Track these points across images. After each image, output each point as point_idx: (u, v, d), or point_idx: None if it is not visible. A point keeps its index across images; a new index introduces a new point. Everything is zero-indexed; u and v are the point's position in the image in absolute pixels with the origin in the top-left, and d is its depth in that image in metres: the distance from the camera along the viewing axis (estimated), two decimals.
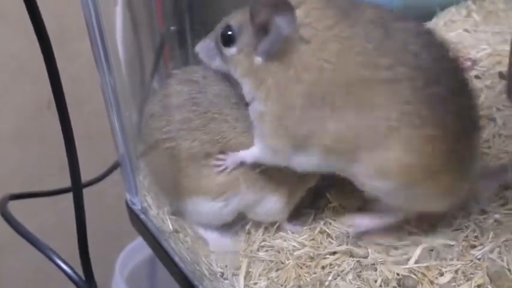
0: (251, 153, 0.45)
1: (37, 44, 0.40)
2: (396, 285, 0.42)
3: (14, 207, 0.56)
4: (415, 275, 0.42)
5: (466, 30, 0.71)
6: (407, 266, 0.43)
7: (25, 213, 0.56)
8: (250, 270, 0.46)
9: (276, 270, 0.46)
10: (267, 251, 0.49)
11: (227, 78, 0.46)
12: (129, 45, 0.71)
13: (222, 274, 0.47)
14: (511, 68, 0.30)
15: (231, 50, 0.43)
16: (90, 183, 0.63)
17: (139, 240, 0.79)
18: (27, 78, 0.80)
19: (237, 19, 0.43)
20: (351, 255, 0.45)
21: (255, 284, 0.45)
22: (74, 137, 0.46)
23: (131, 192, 0.59)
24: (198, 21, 0.74)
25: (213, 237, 0.51)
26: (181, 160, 0.47)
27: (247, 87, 0.42)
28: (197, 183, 0.47)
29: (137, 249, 0.80)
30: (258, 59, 0.41)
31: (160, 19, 0.72)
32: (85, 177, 0.64)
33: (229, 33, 0.42)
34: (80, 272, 0.51)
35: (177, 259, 0.51)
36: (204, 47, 0.46)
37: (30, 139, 0.84)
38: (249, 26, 0.41)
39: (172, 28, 0.72)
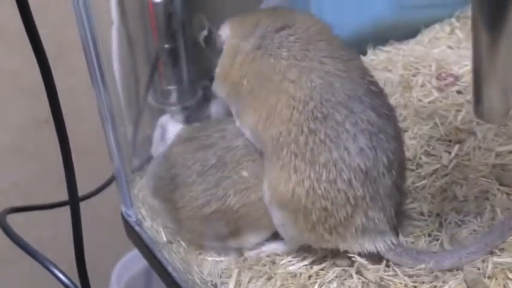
0: None
1: (33, 60, 0.42)
2: None
3: (11, 220, 0.58)
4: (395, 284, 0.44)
5: (449, 47, 0.74)
6: (381, 274, 0.45)
7: (22, 227, 0.58)
8: (240, 279, 0.48)
9: (268, 279, 0.48)
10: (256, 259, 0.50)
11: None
12: (124, 63, 0.73)
13: (212, 282, 0.49)
14: (475, 88, 0.32)
15: None
16: (87, 197, 0.65)
17: (134, 252, 0.80)
18: (24, 93, 0.82)
19: None
20: (336, 265, 0.47)
21: None
22: (71, 150, 0.48)
23: (126, 204, 0.61)
24: (191, 39, 0.76)
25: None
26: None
27: None
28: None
29: (133, 261, 0.82)
30: None
31: (154, 37, 0.74)
32: (82, 190, 0.66)
33: None
34: (78, 283, 0.52)
35: (170, 269, 0.53)
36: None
37: (27, 154, 0.86)
38: None
39: (166, 46, 0.74)
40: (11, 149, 0.84)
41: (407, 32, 0.77)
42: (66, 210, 0.62)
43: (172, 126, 0.76)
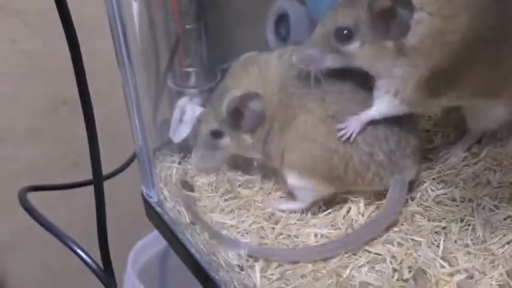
0: (379, 110, 0.49)
1: (53, 42, 0.41)
2: (409, 278, 0.43)
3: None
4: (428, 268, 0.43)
5: None
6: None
7: (37, 207, 0.57)
8: (268, 263, 0.47)
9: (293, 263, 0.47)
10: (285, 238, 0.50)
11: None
12: (144, 43, 0.72)
13: (239, 265, 0.48)
14: None
15: (353, 45, 0.46)
16: (108, 177, 0.64)
17: (151, 235, 0.80)
18: (42, 75, 0.81)
19: (345, 18, 0.46)
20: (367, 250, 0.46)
21: (272, 274, 0.46)
22: (96, 129, 0.48)
23: (147, 185, 0.60)
24: (213, 21, 0.75)
25: None
26: None
27: (381, 66, 0.47)
28: None
29: (149, 244, 0.81)
30: (389, 42, 0.45)
31: (176, 17, 0.73)
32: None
33: (346, 32, 0.46)
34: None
35: (193, 251, 0.52)
36: (305, 57, 0.49)
37: (44, 136, 0.85)
38: (365, 20, 0.45)
39: (187, 27, 0.73)
40: (27, 131, 0.84)
41: None
42: (82, 194, 0.61)
43: (190, 109, 0.76)
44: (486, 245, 0.44)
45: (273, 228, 0.51)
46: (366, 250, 0.46)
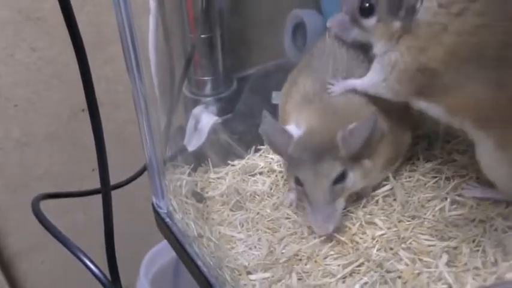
0: (362, 83, 0.50)
1: (72, 50, 0.42)
2: None
3: (44, 205, 0.58)
4: None
5: None
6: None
7: (56, 212, 0.57)
8: (272, 275, 0.47)
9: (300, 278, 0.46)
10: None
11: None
12: (160, 52, 0.73)
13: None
14: None
15: (371, 21, 0.48)
16: (119, 186, 0.64)
17: (164, 243, 0.80)
18: (61, 83, 0.82)
19: None
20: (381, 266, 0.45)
21: None
22: (104, 139, 0.48)
23: (157, 196, 0.60)
24: (228, 30, 0.75)
25: None
26: None
27: (380, 46, 0.48)
28: None
29: (162, 252, 0.81)
30: (397, 23, 0.46)
31: (191, 27, 0.73)
32: (117, 179, 0.65)
33: (368, 5, 0.47)
34: (107, 272, 0.52)
35: (200, 263, 0.52)
36: (337, 22, 0.51)
37: (63, 142, 0.86)
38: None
39: (202, 36, 0.73)
40: (47, 137, 0.85)
41: None
42: (100, 197, 0.62)
43: (205, 117, 0.76)
44: (497, 270, 0.42)
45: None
46: (372, 269, 0.45)
